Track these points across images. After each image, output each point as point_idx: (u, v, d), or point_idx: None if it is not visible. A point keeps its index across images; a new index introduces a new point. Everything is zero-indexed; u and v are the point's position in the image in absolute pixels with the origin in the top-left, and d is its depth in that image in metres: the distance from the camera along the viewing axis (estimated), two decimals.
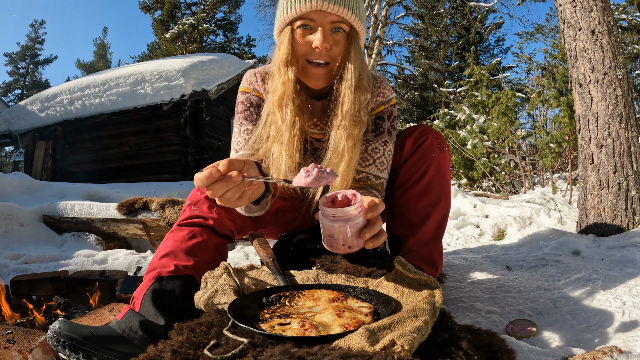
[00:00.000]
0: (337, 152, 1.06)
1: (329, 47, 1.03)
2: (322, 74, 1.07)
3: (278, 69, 1.06)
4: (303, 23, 1.02)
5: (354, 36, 1.07)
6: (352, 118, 1.07)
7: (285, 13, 1.03)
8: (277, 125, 1.07)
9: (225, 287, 0.89)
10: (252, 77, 1.21)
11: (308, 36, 1.04)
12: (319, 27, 1.02)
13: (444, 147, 1.22)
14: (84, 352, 0.87)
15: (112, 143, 8.68)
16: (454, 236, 2.58)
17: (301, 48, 1.05)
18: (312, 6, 0.99)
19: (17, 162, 19.44)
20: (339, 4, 1.00)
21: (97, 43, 28.30)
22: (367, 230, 0.80)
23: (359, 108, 1.08)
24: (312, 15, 1.01)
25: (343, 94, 1.07)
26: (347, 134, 1.06)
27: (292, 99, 1.06)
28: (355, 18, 1.03)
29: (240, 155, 1.16)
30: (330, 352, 0.63)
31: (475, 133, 4.97)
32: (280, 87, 1.05)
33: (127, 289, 1.68)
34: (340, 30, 1.04)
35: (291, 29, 1.04)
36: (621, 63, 2.00)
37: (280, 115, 1.06)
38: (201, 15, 19.19)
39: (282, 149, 1.07)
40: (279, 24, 1.07)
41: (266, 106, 1.11)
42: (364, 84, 1.09)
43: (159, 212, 2.74)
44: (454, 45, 16.86)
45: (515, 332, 1.08)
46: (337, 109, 1.08)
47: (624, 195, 1.94)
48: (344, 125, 1.07)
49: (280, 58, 1.05)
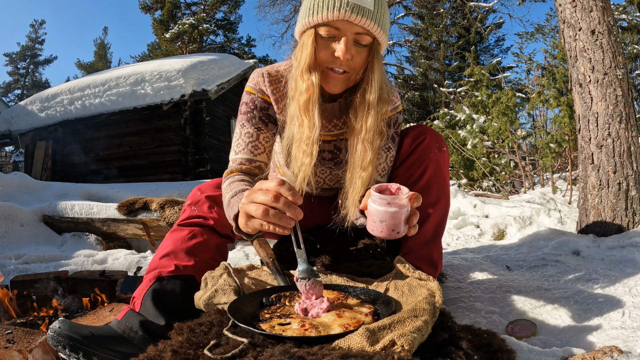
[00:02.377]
0: (363, 166, 1.07)
1: (351, 57, 1.02)
2: (341, 79, 1.07)
3: (301, 74, 1.05)
4: (327, 30, 1.00)
5: (377, 47, 1.05)
6: (375, 130, 1.07)
7: (310, 16, 1.01)
8: (304, 129, 1.06)
9: (225, 287, 0.89)
10: (259, 77, 1.18)
11: (331, 44, 1.02)
12: (342, 37, 1.00)
13: (442, 147, 1.22)
14: (84, 352, 0.87)
15: (112, 143, 8.68)
16: (454, 236, 2.58)
17: (323, 55, 1.03)
18: (339, 15, 0.97)
19: (17, 162, 19.43)
20: (366, 17, 0.98)
21: (97, 43, 28.27)
22: (413, 217, 0.88)
23: (381, 119, 1.09)
24: (337, 24, 0.99)
25: (367, 108, 1.07)
26: (371, 147, 1.07)
27: (317, 104, 1.05)
28: (380, 30, 1.01)
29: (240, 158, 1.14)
30: (330, 352, 0.63)
31: (475, 133, 4.97)
32: (304, 93, 1.04)
33: (127, 289, 1.68)
34: (363, 42, 1.02)
35: (315, 32, 1.02)
36: (621, 63, 2.00)
37: (307, 119, 1.05)
38: (201, 15, 19.19)
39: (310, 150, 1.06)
40: (302, 24, 1.04)
41: (291, 111, 1.09)
42: (384, 95, 1.09)
43: (159, 212, 2.74)
44: (454, 45, 16.85)
45: (515, 332, 1.08)
46: (361, 123, 1.08)
47: (624, 195, 1.94)
48: (368, 139, 1.07)
49: (303, 62, 1.04)
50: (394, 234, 0.88)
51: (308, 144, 1.06)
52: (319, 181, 1.27)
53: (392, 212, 0.86)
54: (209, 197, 1.18)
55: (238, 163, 1.14)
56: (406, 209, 0.87)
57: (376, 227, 0.89)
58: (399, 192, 0.89)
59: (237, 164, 1.14)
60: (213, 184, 1.22)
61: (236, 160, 1.14)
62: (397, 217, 0.87)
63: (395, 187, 0.90)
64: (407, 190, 0.88)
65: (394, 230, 0.88)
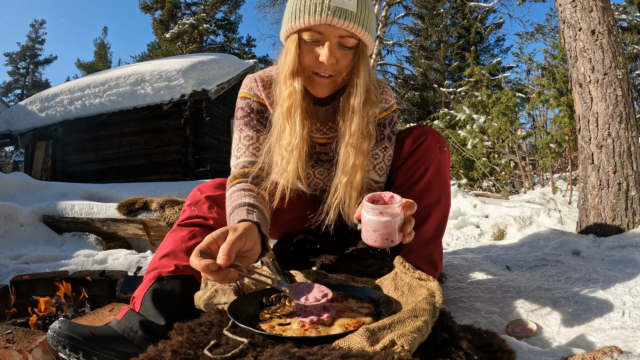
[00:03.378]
0: (345, 171, 1.07)
1: (336, 61, 1.01)
2: (327, 83, 1.06)
3: (284, 80, 1.04)
4: (311, 35, 1.00)
5: (362, 49, 1.04)
6: (361, 133, 1.07)
7: (293, 21, 1.00)
8: (285, 135, 1.06)
9: (225, 287, 0.89)
10: (252, 82, 1.18)
11: (315, 49, 1.01)
12: (326, 42, 0.99)
13: (443, 147, 1.22)
14: (84, 352, 0.87)
15: (112, 143, 8.68)
16: (454, 236, 2.58)
17: (307, 60, 1.02)
18: (321, 19, 0.96)
19: (17, 162, 19.43)
20: (349, 20, 0.96)
21: (97, 43, 28.27)
22: (407, 225, 0.88)
23: (368, 122, 1.08)
24: (320, 28, 0.98)
25: (352, 112, 1.06)
26: (355, 151, 1.07)
27: (299, 109, 1.05)
28: (364, 32, 1.00)
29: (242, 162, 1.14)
30: (330, 352, 0.63)
31: (475, 133, 4.97)
32: (287, 100, 1.04)
33: (127, 289, 1.68)
34: (348, 45, 1.01)
35: (298, 37, 1.01)
36: (621, 63, 2.00)
37: (289, 125, 1.05)
38: (201, 15, 19.19)
39: (290, 157, 1.06)
40: (286, 29, 1.04)
41: (275, 117, 1.09)
42: (372, 97, 1.08)
43: (159, 212, 2.74)
44: (454, 45, 16.86)
45: (515, 332, 1.08)
46: (345, 127, 1.08)
47: (624, 195, 1.94)
48: (352, 143, 1.06)
49: (287, 68, 1.03)
50: (388, 243, 0.88)
51: (288, 150, 1.06)
52: (318, 182, 1.28)
53: (385, 221, 0.86)
54: (208, 197, 1.18)
55: (241, 167, 1.14)
56: (399, 218, 0.87)
57: (370, 236, 0.89)
58: (392, 200, 0.89)
59: (240, 167, 1.14)
60: (213, 184, 1.22)
61: (238, 164, 1.14)
62: (390, 226, 0.87)
63: (388, 195, 0.90)
64: (399, 199, 0.88)
65: (387, 239, 0.88)
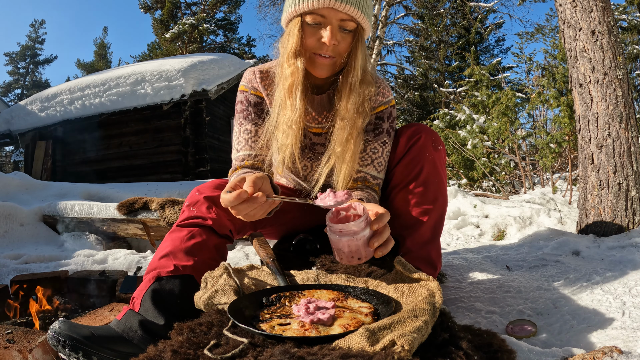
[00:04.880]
0: (340, 142, 1.12)
1: (337, 43, 1.07)
2: (328, 64, 1.11)
3: (287, 59, 1.10)
4: (313, 18, 1.06)
5: (361, 33, 1.11)
6: (356, 110, 1.12)
7: (297, 4, 1.06)
8: (286, 111, 1.11)
9: (225, 287, 0.89)
10: (251, 74, 1.23)
11: (317, 31, 1.07)
12: (328, 24, 1.05)
13: (438, 146, 1.22)
14: (84, 351, 0.87)
15: (112, 143, 8.67)
16: (454, 236, 2.58)
17: (309, 42, 1.08)
18: (324, 3, 1.03)
19: (17, 162, 19.42)
20: (350, 4, 1.03)
21: (97, 43, 28.24)
22: (375, 239, 0.85)
23: (363, 100, 1.14)
24: (323, 11, 1.04)
25: (349, 89, 1.12)
26: (350, 124, 1.12)
27: (300, 88, 1.10)
28: (363, 16, 1.07)
29: (242, 155, 1.18)
30: (330, 352, 0.63)
31: (475, 133, 4.96)
32: (289, 77, 1.10)
33: (127, 289, 1.67)
34: (348, 28, 1.08)
35: (301, 20, 1.07)
36: (621, 63, 2.00)
37: (290, 102, 1.10)
38: (201, 15, 19.19)
39: (289, 132, 1.11)
40: (289, 13, 1.09)
41: (276, 95, 1.14)
42: (367, 78, 1.14)
43: (159, 212, 2.74)
44: (454, 45, 16.85)
45: (515, 332, 1.08)
46: (342, 102, 1.13)
47: (624, 195, 1.94)
48: (348, 117, 1.12)
49: (289, 48, 1.09)
50: (354, 261, 0.86)
51: (289, 125, 1.11)
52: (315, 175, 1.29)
53: (346, 240, 0.83)
54: (207, 197, 1.18)
55: (241, 160, 1.18)
56: (362, 235, 0.83)
57: (336, 254, 0.87)
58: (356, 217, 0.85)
59: (240, 160, 1.18)
60: (212, 185, 1.22)
61: (239, 157, 1.19)
62: (352, 244, 0.83)
63: (360, 208, 0.86)
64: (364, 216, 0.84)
65: (353, 257, 0.85)
